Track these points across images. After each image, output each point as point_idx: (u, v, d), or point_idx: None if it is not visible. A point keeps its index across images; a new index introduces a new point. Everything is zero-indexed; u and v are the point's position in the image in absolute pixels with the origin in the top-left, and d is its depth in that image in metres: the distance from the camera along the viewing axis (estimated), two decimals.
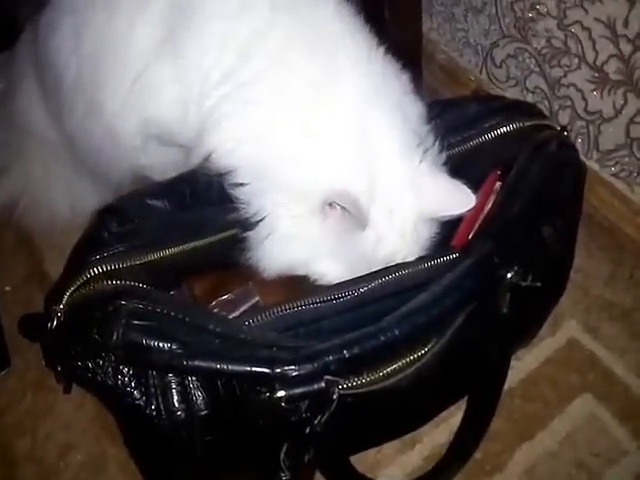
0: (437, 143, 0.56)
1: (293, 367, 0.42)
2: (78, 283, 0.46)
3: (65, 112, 0.66)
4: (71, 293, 0.45)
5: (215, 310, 0.54)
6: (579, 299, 0.76)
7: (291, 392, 0.42)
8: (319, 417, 0.43)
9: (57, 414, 0.67)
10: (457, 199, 0.53)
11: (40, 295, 0.49)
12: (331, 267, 0.54)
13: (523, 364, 0.70)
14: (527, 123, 0.58)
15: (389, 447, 0.64)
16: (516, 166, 0.55)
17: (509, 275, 0.50)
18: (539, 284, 0.51)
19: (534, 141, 0.57)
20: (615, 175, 0.81)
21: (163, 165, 0.66)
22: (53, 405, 0.68)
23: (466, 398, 0.60)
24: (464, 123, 0.59)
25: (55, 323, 0.44)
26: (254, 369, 0.43)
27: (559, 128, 0.59)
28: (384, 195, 0.52)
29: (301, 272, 0.54)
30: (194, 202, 0.53)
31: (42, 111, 0.75)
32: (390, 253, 0.54)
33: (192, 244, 0.52)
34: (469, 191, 0.53)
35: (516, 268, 0.50)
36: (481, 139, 0.59)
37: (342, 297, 0.49)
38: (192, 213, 0.53)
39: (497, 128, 0.58)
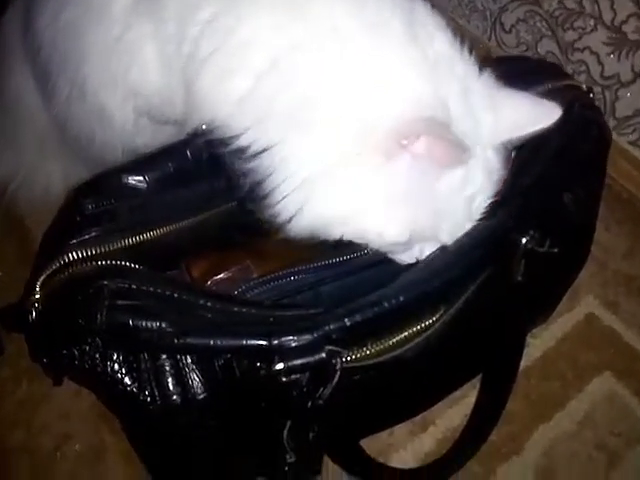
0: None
1: (291, 337, 0.39)
2: (50, 271, 0.42)
3: (54, 96, 0.63)
4: (44, 281, 0.42)
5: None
6: (596, 273, 0.73)
7: (290, 364, 0.39)
8: (321, 390, 0.40)
9: (53, 403, 0.65)
10: (540, 111, 0.45)
11: None
12: (392, 222, 0.44)
13: (539, 342, 0.68)
14: (553, 85, 0.54)
15: (401, 430, 0.62)
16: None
17: (524, 240, 0.46)
18: (556, 250, 0.48)
19: (560, 102, 0.53)
20: (633, 143, 0.77)
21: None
22: (49, 394, 0.65)
23: (480, 377, 0.57)
24: None
25: (34, 314, 0.42)
26: (250, 342, 0.40)
27: (585, 88, 0.55)
28: (461, 118, 0.43)
29: (339, 232, 0.45)
30: (179, 179, 0.49)
31: (33, 89, 0.72)
32: (476, 195, 0.45)
33: (176, 225, 0.47)
34: (551, 102, 0.46)
35: (532, 233, 0.46)
36: None
37: (340, 261, 0.46)
38: (176, 191, 0.49)
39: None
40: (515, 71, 0.55)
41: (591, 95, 0.55)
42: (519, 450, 0.62)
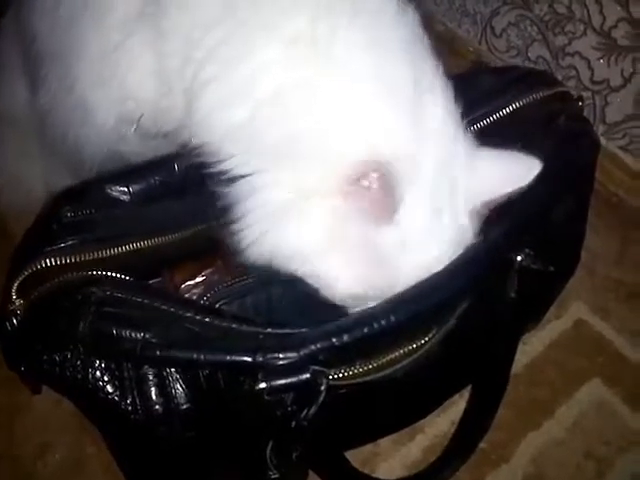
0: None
1: (277, 355, 0.38)
2: (21, 278, 0.41)
3: (42, 86, 0.62)
4: (19, 287, 0.41)
5: (186, 295, 0.49)
6: (586, 279, 0.72)
7: (273, 383, 0.38)
8: (306, 411, 0.39)
9: (34, 411, 0.63)
10: (519, 169, 0.45)
11: None
12: (343, 269, 0.43)
13: (528, 348, 0.67)
14: (543, 93, 0.54)
15: (387, 438, 0.60)
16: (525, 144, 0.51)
17: (519, 259, 0.46)
18: (550, 267, 0.48)
19: (544, 116, 0.53)
20: (623, 148, 0.77)
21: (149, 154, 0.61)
22: (29, 402, 0.63)
23: (470, 386, 0.57)
24: (478, 99, 0.53)
25: (14, 321, 0.41)
26: (234, 358, 0.38)
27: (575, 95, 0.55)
28: (432, 179, 0.42)
29: (294, 269, 0.44)
30: (164, 193, 0.48)
31: (23, 94, 0.70)
32: (427, 263, 0.43)
33: (158, 239, 0.46)
34: (528, 156, 0.45)
35: (527, 251, 0.46)
36: (497, 115, 0.53)
37: None
38: (160, 205, 0.48)
39: (513, 102, 0.53)
40: (506, 80, 0.55)
41: (580, 104, 0.55)
42: (508, 457, 0.61)
